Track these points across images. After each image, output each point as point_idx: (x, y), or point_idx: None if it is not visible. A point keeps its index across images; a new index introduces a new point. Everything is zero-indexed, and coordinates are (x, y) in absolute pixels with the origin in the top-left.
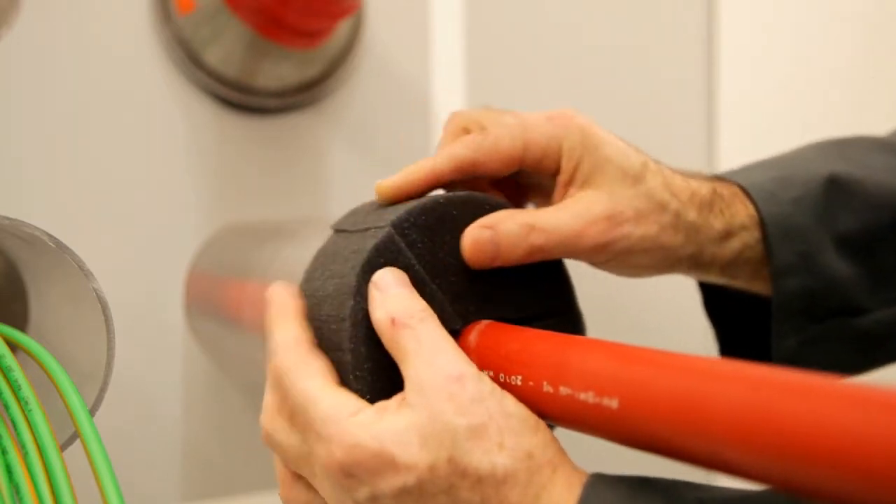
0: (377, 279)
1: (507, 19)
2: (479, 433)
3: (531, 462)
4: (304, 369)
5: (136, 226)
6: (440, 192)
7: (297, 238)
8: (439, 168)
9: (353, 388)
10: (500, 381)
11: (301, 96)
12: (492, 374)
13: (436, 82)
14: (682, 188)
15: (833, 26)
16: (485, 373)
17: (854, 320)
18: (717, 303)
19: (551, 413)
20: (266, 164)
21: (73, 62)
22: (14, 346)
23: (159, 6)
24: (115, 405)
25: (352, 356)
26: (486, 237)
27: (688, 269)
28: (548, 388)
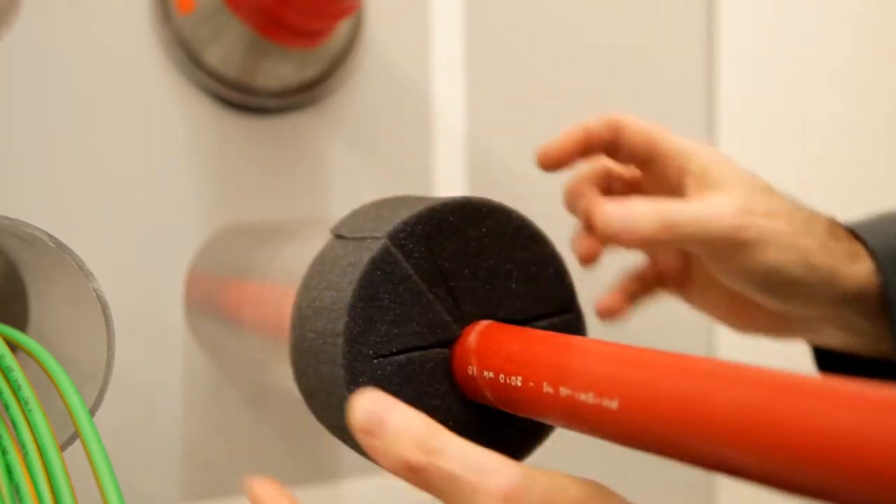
0: (360, 423)
1: (507, 19)
2: None
3: None
4: None
5: (136, 226)
6: (438, 198)
7: (297, 238)
8: (591, 126)
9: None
10: (501, 381)
11: (301, 96)
12: (492, 374)
13: (436, 82)
14: (806, 211)
15: (833, 26)
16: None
17: None
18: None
19: (551, 414)
20: (266, 164)
21: (73, 62)
22: (14, 346)
23: (159, 6)
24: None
25: (346, 371)
26: (621, 209)
27: (820, 287)
28: (548, 388)
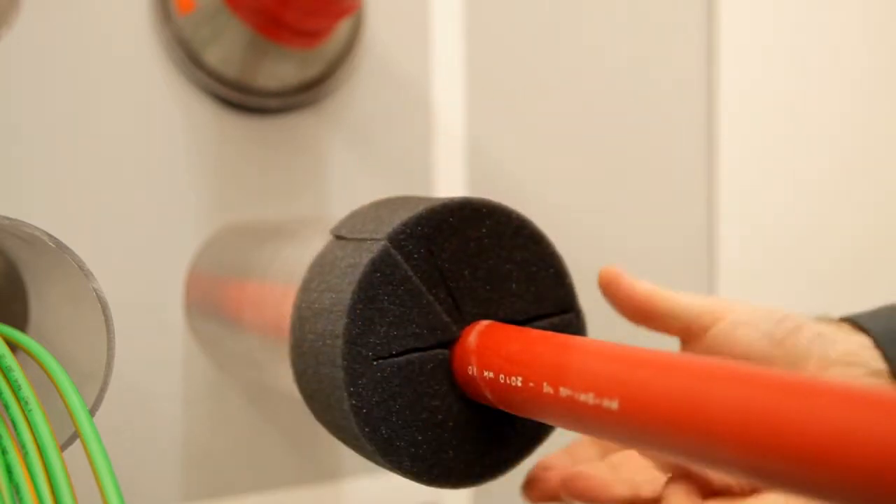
0: None
1: (507, 19)
2: None
3: None
4: None
5: (136, 226)
6: (437, 198)
7: (297, 238)
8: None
9: (349, 404)
10: (501, 381)
11: (301, 96)
12: (492, 374)
13: (436, 82)
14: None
15: (834, 26)
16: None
17: None
18: None
19: (552, 414)
20: (266, 164)
21: (72, 62)
22: (14, 346)
23: (159, 6)
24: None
25: (345, 373)
26: None
27: None
28: (548, 389)
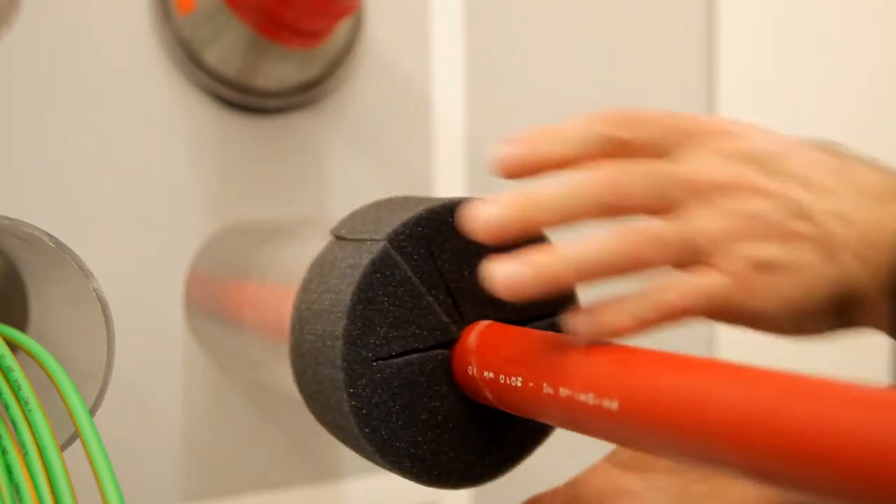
0: None
1: (507, 19)
2: None
3: None
4: None
5: (136, 226)
6: (437, 199)
7: (296, 238)
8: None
9: (349, 405)
10: (501, 382)
11: (301, 96)
12: (492, 375)
13: (436, 82)
14: None
15: (834, 26)
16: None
17: None
18: None
19: (551, 414)
20: (266, 164)
21: (72, 62)
22: (14, 346)
23: (159, 6)
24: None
25: (345, 374)
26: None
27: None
28: (548, 389)
